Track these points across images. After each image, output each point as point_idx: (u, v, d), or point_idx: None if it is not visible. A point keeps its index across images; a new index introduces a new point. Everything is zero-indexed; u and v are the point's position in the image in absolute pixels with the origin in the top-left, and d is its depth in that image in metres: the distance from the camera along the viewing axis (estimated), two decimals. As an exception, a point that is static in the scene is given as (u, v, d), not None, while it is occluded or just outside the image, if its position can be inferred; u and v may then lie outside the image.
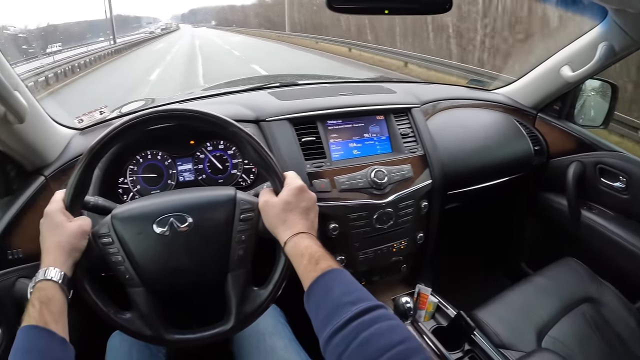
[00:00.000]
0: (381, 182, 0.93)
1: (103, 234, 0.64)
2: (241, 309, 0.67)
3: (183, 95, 1.17)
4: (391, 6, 0.82)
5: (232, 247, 0.66)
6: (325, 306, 0.52)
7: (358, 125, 1.00)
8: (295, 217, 0.63)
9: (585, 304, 1.09)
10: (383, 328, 0.47)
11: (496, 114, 1.21)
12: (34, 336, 0.51)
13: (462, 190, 1.09)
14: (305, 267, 0.57)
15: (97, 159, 0.65)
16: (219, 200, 0.67)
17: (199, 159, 0.95)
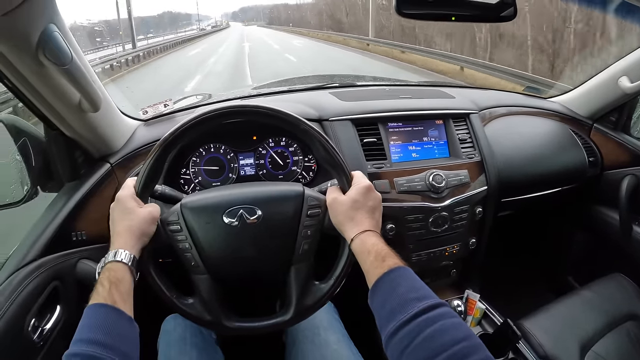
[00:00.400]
0: (439, 186, 0.94)
1: (172, 221, 0.67)
2: (301, 301, 0.69)
3: (242, 92, 1.19)
4: (458, 13, 0.82)
5: (297, 240, 0.68)
6: (391, 301, 0.53)
7: (418, 128, 1.02)
8: (362, 216, 0.65)
9: (630, 321, 1.07)
10: (447, 325, 0.48)
11: (552, 122, 1.19)
12: (103, 313, 0.53)
13: (516, 198, 1.09)
14: (372, 264, 0.58)
15: (170, 150, 0.68)
16: (288, 195, 0.69)
17: (261, 154, 0.98)
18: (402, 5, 0.80)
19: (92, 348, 0.49)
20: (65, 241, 0.84)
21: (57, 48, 0.69)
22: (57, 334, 0.78)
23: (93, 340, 0.49)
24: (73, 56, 0.72)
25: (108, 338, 0.50)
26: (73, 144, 0.88)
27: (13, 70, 0.70)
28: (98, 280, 0.57)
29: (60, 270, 0.81)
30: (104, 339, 0.50)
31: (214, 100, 1.21)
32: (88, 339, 0.50)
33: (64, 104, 0.80)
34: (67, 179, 0.91)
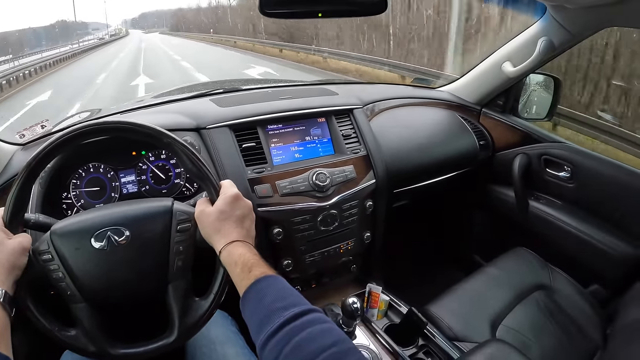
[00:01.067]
0: (323, 185, 0.94)
1: (43, 250, 0.63)
2: (183, 320, 0.67)
3: (128, 105, 1.15)
4: (325, 9, 0.82)
5: (170, 258, 0.65)
6: (258, 313, 0.52)
7: (299, 128, 1.01)
8: (230, 226, 0.63)
9: (538, 291, 1.12)
10: (315, 332, 0.47)
11: (440, 111, 1.24)
12: None
13: (409, 187, 1.11)
14: (239, 275, 0.57)
15: (35, 175, 0.64)
16: (155, 211, 0.67)
17: (142, 169, 0.94)
18: (265, 5, 0.79)
19: None
20: None
21: None
22: None
23: None
24: None
25: None
26: None
27: None
28: None
29: None
30: None
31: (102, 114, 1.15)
32: None
33: None
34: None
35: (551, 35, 1.09)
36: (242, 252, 0.59)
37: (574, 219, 1.20)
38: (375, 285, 1.03)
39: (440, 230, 1.47)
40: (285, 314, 0.49)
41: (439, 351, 0.95)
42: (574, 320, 1.06)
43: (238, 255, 0.59)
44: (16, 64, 12.41)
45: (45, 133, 1.02)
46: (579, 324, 1.05)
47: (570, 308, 1.09)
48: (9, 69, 11.66)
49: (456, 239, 1.38)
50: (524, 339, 1.00)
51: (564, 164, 1.22)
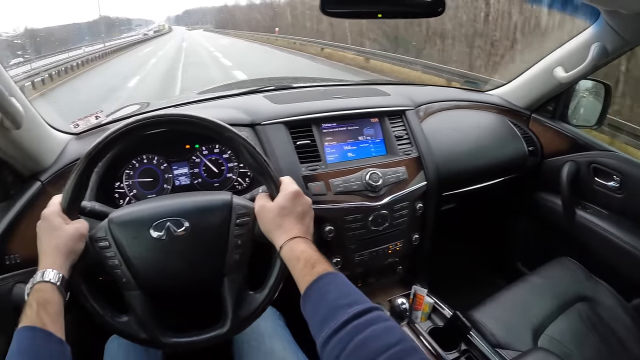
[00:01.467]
0: (376, 185, 0.94)
1: (100, 237, 0.65)
2: (237, 312, 0.68)
3: (178, 99, 1.17)
4: (385, 10, 0.83)
5: (228, 251, 0.66)
6: (321, 310, 0.52)
7: (352, 128, 1.01)
8: (291, 222, 0.64)
9: (580, 302, 1.10)
10: (379, 330, 0.47)
11: (490, 115, 1.22)
12: (31, 337, 0.51)
13: (457, 191, 1.10)
14: (301, 271, 0.57)
15: (94, 164, 0.66)
16: (215, 204, 0.68)
17: (195, 163, 0.95)
18: (326, 4, 0.80)
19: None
20: None
21: None
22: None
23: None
24: None
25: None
26: (0, 163, 0.84)
27: None
28: (27, 302, 0.55)
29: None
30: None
31: (152, 108, 1.18)
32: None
33: None
34: (-3, 200, 0.86)
35: (604, 41, 1.06)
36: (304, 248, 0.60)
37: (620, 231, 1.17)
38: (420, 287, 1.03)
39: (485, 235, 1.45)
40: (349, 311, 0.49)
41: (481, 357, 0.95)
42: (616, 333, 1.04)
43: (300, 251, 0.60)
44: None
45: (99, 124, 1.05)
46: (621, 337, 1.03)
47: (613, 321, 1.07)
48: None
49: (500, 246, 1.36)
50: (565, 349, 0.99)
51: (613, 173, 1.18)
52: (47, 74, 9.88)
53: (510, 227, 1.34)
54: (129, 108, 1.19)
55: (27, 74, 8.80)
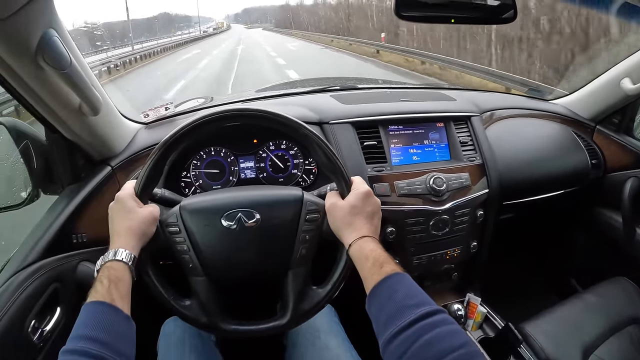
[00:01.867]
0: (439, 189, 0.94)
1: (171, 223, 0.67)
2: (298, 306, 0.69)
3: (241, 96, 1.19)
4: (458, 15, 0.83)
5: (295, 245, 0.68)
6: (388, 308, 0.53)
7: (418, 131, 1.01)
8: (361, 221, 0.64)
9: (633, 325, 1.07)
10: (444, 332, 0.48)
11: (554, 124, 1.19)
12: (101, 311, 0.53)
13: (518, 201, 1.08)
14: (370, 270, 0.58)
15: (170, 152, 0.68)
16: (287, 199, 0.69)
17: (261, 157, 0.98)
18: (401, 7, 0.80)
19: (89, 345, 0.48)
20: (65, 243, 0.85)
21: (56, 52, 0.69)
22: (57, 335, 0.78)
23: (90, 337, 0.49)
24: (72, 60, 0.72)
25: (105, 335, 0.50)
26: (74, 147, 0.89)
27: (13, 74, 0.70)
28: (97, 278, 0.57)
29: (60, 272, 0.81)
30: (101, 336, 0.50)
31: (216, 103, 1.21)
32: (85, 335, 0.50)
33: (63, 108, 0.80)
34: (68, 181, 0.91)
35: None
36: (373, 247, 0.61)
37: (682, 254, 1.13)
38: (474, 295, 1.03)
39: (540, 248, 1.42)
40: (416, 311, 0.50)
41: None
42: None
43: (369, 250, 0.60)
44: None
45: (168, 115, 1.09)
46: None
47: (665, 347, 1.03)
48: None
49: (554, 260, 1.33)
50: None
51: (679, 193, 1.13)
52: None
53: (567, 242, 1.31)
54: (194, 101, 1.23)
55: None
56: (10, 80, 0.72)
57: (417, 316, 0.49)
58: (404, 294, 0.54)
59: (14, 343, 0.68)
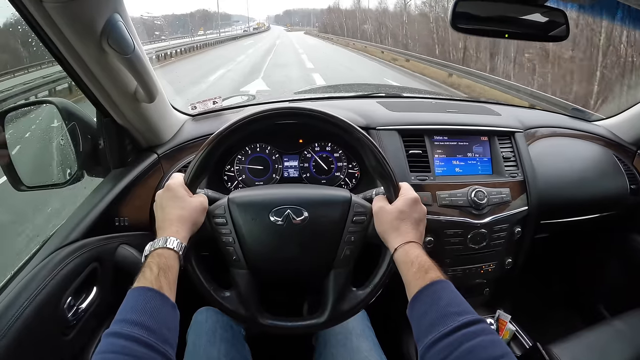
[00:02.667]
0: (480, 203, 0.94)
1: (218, 214, 0.68)
2: (337, 306, 0.69)
3: (285, 96, 1.19)
4: (512, 31, 0.83)
5: (340, 245, 0.68)
6: (431, 314, 0.54)
7: (463, 143, 1.01)
8: (408, 227, 0.65)
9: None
10: (486, 341, 0.49)
11: (596, 147, 1.17)
12: (149, 297, 0.53)
13: (555, 221, 1.07)
14: (414, 275, 0.59)
15: (224, 143, 0.68)
16: (336, 199, 0.70)
17: (306, 157, 0.98)
18: (457, 19, 0.81)
19: (135, 330, 0.48)
20: (108, 225, 0.87)
21: (121, 37, 0.70)
22: (90, 315, 0.80)
23: (137, 322, 0.49)
24: (135, 46, 0.73)
25: (152, 322, 0.50)
26: (123, 132, 0.90)
27: (75, 55, 0.72)
28: (145, 264, 0.58)
29: (100, 252, 0.82)
30: (148, 322, 0.50)
31: (259, 101, 1.22)
32: (132, 320, 0.49)
33: (119, 93, 0.81)
34: (115, 165, 0.93)
35: None
36: (418, 253, 0.61)
37: None
38: (504, 312, 1.02)
39: (571, 270, 1.40)
40: (459, 319, 0.51)
41: None
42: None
43: (415, 255, 0.61)
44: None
45: (216, 109, 1.10)
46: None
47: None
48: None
49: (583, 283, 1.31)
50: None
51: None
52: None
53: (598, 266, 1.29)
54: (239, 97, 1.24)
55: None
56: (72, 62, 0.73)
57: (459, 324, 0.50)
58: (448, 301, 0.54)
59: (49, 318, 0.70)
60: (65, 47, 0.70)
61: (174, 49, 15.19)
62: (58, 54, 0.73)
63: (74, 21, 0.65)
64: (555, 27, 0.84)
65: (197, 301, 0.72)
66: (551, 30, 0.84)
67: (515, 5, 0.81)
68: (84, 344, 0.83)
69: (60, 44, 0.69)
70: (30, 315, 0.65)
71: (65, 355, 0.76)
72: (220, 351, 0.79)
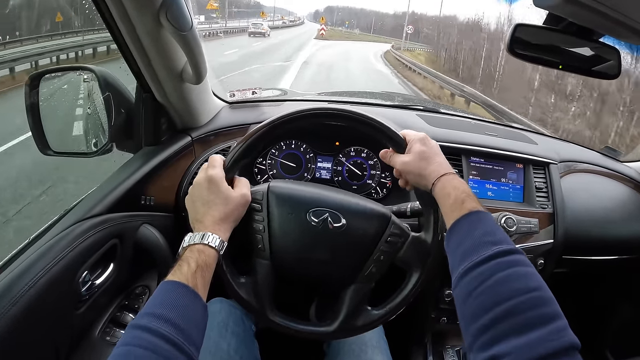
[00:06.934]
0: (510, 230, 0.92)
1: (256, 199, 0.66)
2: (349, 319, 0.68)
3: (325, 96, 1.18)
4: (567, 63, 0.83)
5: (368, 261, 0.67)
6: (465, 243, 0.53)
7: (498, 168, 1.00)
8: (435, 160, 0.65)
9: None
10: (521, 272, 0.48)
11: (625, 188, 1.16)
12: (182, 294, 0.51)
13: (577, 257, 1.06)
14: (451, 207, 0.59)
15: (275, 130, 0.67)
16: (376, 214, 0.68)
17: (340, 161, 0.97)
18: (514, 44, 0.80)
19: (165, 327, 0.46)
20: (133, 203, 0.85)
21: (180, 12, 0.69)
22: (104, 290, 0.78)
23: (166, 318, 0.47)
24: (193, 24, 0.72)
25: (181, 320, 0.48)
26: (161, 110, 0.89)
27: (129, 26, 0.70)
28: (183, 258, 0.56)
29: (122, 229, 0.81)
30: (178, 320, 0.48)
31: (294, 97, 1.20)
32: (161, 315, 0.47)
33: (166, 69, 0.80)
34: (147, 142, 0.91)
35: None
36: (456, 184, 0.61)
37: None
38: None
39: (581, 310, 1.39)
40: (493, 248, 0.50)
41: None
42: None
43: (452, 187, 0.60)
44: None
45: (254, 99, 1.09)
46: None
47: None
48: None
49: (593, 326, 1.30)
50: None
51: None
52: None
53: (610, 310, 1.28)
54: (272, 91, 1.22)
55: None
56: (124, 31, 0.72)
57: (493, 252, 0.49)
58: (483, 231, 0.53)
59: (62, 290, 0.69)
60: (121, 15, 0.68)
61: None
62: (111, 22, 0.71)
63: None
64: (607, 64, 0.84)
65: (212, 290, 0.70)
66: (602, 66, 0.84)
67: (571, 37, 0.80)
68: (92, 319, 0.81)
69: (117, 12, 0.68)
70: (44, 285, 0.63)
71: (74, 329, 0.75)
72: (230, 345, 0.77)
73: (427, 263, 0.68)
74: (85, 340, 0.79)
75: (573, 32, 0.79)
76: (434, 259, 0.68)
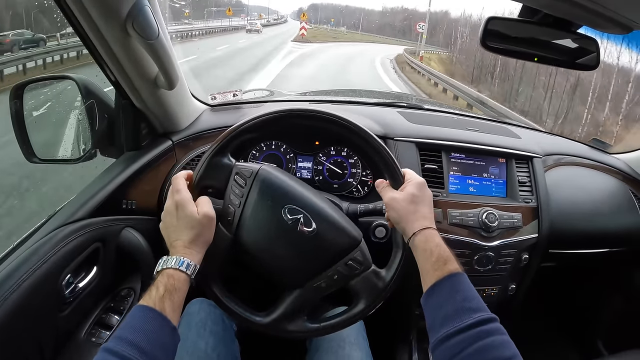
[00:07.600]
0: (491, 225, 0.92)
1: (244, 175, 0.67)
2: (282, 320, 0.68)
3: (308, 96, 1.18)
4: (542, 55, 0.82)
5: (322, 275, 0.67)
6: (447, 307, 0.55)
7: (479, 163, 1.00)
8: (424, 209, 0.65)
9: None
10: (498, 341, 0.50)
11: (613, 180, 1.15)
12: (149, 318, 0.53)
13: (563, 251, 1.05)
14: (433, 265, 0.59)
15: (241, 137, 0.67)
16: (347, 234, 0.68)
17: (320, 160, 0.97)
18: (487, 37, 0.80)
19: (131, 351, 0.49)
20: (114, 207, 0.86)
21: (146, 22, 0.70)
22: (87, 293, 0.80)
23: (134, 343, 0.50)
24: (160, 32, 0.73)
25: (146, 343, 0.51)
26: (141, 115, 0.90)
27: (99, 36, 0.71)
28: (154, 282, 0.57)
29: (104, 233, 0.83)
30: (142, 344, 0.50)
31: (280, 98, 1.21)
32: (129, 340, 0.50)
33: (140, 77, 0.81)
34: (128, 147, 0.93)
35: None
36: (438, 242, 0.62)
37: None
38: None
39: (571, 303, 1.38)
40: (474, 316, 0.52)
41: None
42: None
43: (435, 244, 0.61)
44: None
45: (235, 101, 1.10)
46: None
47: None
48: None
49: (584, 318, 1.29)
50: None
51: None
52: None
53: (601, 302, 1.27)
54: (259, 92, 1.23)
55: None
56: (95, 42, 0.73)
57: (474, 321, 0.52)
58: (464, 296, 0.55)
59: (46, 292, 0.70)
60: (89, 26, 0.69)
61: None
62: (82, 33, 0.73)
63: (101, 2, 0.65)
64: (586, 55, 0.84)
65: (191, 292, 0.71)
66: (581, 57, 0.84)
67: (548, 29, 0.80)
68: (78, 321, 0.83)
69: (85, 24, 0.69)
70: (28, 288, 0.65)
71: (59, 331, 0.76)
72: (208, 344, 0.78)
73: (376, 300, 0.68)
74: (71, 341, 0.81)
75: (550, 24, 0.79)
76: (383, 298, 0.68)
